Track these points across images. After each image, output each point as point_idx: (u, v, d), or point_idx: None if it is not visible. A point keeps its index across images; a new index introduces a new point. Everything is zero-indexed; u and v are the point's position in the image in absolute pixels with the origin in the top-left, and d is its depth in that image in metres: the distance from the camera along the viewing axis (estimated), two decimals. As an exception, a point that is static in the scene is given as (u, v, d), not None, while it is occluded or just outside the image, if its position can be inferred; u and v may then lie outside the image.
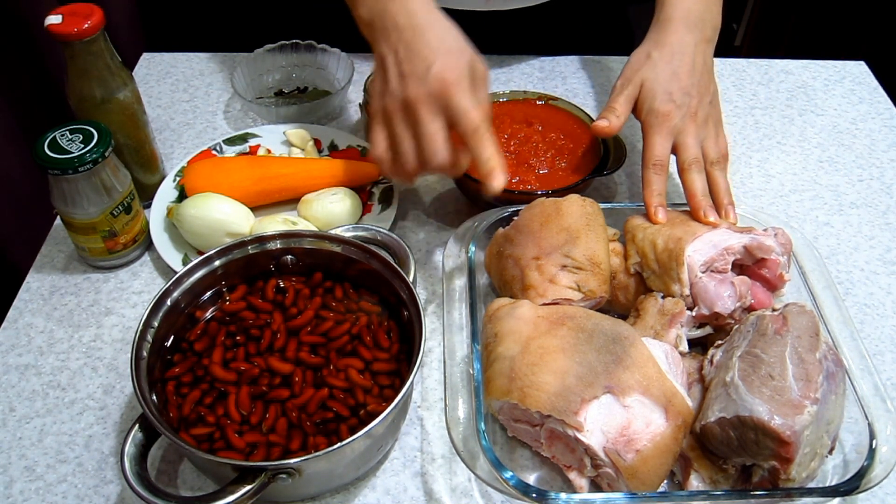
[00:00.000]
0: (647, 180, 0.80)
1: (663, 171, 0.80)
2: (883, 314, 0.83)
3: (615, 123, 0.82)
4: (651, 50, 0.85)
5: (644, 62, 0.84)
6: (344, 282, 0.76)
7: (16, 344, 0.78)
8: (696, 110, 0.82)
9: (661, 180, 0.80)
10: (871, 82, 1.15)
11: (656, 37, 0.86)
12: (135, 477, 0.58)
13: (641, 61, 0.85)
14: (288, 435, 0.65)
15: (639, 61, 0.85)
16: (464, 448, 0.63)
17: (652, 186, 0.79)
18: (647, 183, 0.79)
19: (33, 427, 0.72)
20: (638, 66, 0.84)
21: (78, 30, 0.76)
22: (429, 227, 0.91)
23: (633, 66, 0.85)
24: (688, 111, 0.82)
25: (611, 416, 0.62)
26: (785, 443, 0.58)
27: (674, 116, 0.81)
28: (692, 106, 0.82)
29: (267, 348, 0.70)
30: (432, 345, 0.78)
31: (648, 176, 0.80)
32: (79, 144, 0.76)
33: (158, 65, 1.14)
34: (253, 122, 1.05)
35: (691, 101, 0.82)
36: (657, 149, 0.80)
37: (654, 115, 0.81)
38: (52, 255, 0.87)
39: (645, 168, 0.80)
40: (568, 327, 0.67)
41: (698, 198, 0.78)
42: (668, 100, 0.81)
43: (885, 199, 0.96)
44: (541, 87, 1.11)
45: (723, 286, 0.71)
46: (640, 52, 0.86)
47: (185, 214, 0.82)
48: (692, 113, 0.82)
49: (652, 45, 0.85)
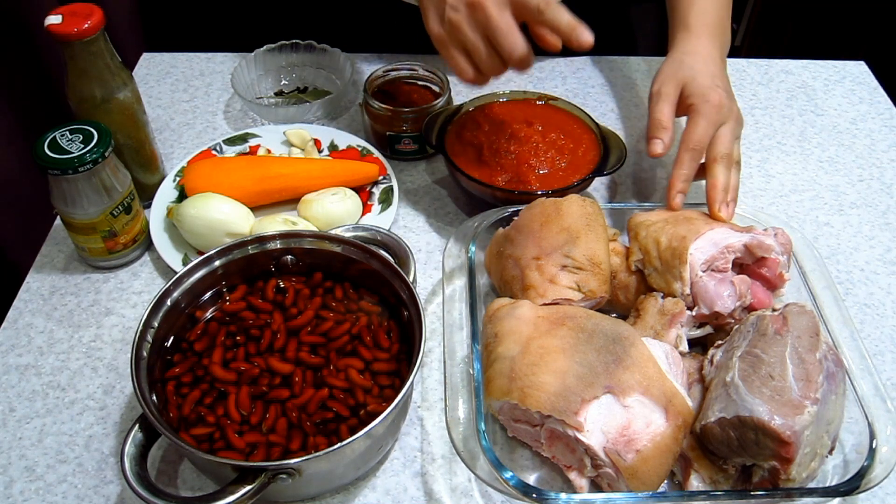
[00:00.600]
0: (682, 160, 0.79)
1: (699, 158, 0.80)
2: (883, 314, 0.83)
3: (668, 142, 0.82)
4: (683, 57, 0.86)
5: (680, 66, 0.85)
6: (344, 282, 0.76)
7: (16, 344, 0.78)
8: (734, 110, 0.83)
9: (694, 166, 0.80)
10: (871, 82, 1.15)
11: (685, 46, 0.88)
12: (135, 477, 0.58)
13: (677, 65, 0.86)
14: (288, 435, 0.65)
15: (674, 66, 0.86)
16: (464, 448, 0.63)
17: (684, 168, 0.79)
18: (681, 163, 0.79)
19: (33, 427, 0.72)
20: (674, 71, 0.85)
21: (78, 30, 0.76)
22: (429, 228, 0.91)
23: (668, 72, 0.86)
24: (730, 109, 0.83)
25: (611, 416, 0.62)
26: (785, 443, 0.58)
27: (723, 107, 0.81)
28: (733, 106, 0.83)
29: (267, 348, 0.70)
30: (432, 345, 0.78)
31: (684, 157, 0.79)
32: (79, 144, 0.76)
33: (158, 65, 1.14)
34: (253, 122, 1.05)
35: (732, 102, 0.84)
36: (700, 133, 0.80)
37: (704, 101, 0.81)
38: (52, 255, 0.87)
39: (683, 149, 0.80)
40: (568, 327, 0.67)
41: (718, 190, 0.78)
42: (718, 90, 0.82)
43: (885, 199, 0.96)
44: (541, 87, 1.11)
45: (723, 285, 0.71)
46: (673, 59, 0.87)
47: (185, 214, 0.82)
48: (734, 111, 0.83)
49: (683, 53, 0.87)
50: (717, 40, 0.88)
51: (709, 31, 0.88)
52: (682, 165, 0.79)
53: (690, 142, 0.80)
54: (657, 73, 0.87)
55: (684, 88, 0.84)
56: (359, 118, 1.05)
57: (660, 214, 0.78)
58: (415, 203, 0.94)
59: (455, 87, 0.98)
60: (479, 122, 0.93)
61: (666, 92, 0.84)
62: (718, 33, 0.89)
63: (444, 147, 0.89)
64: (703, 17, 0.89)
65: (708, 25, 0.89)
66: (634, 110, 1.08)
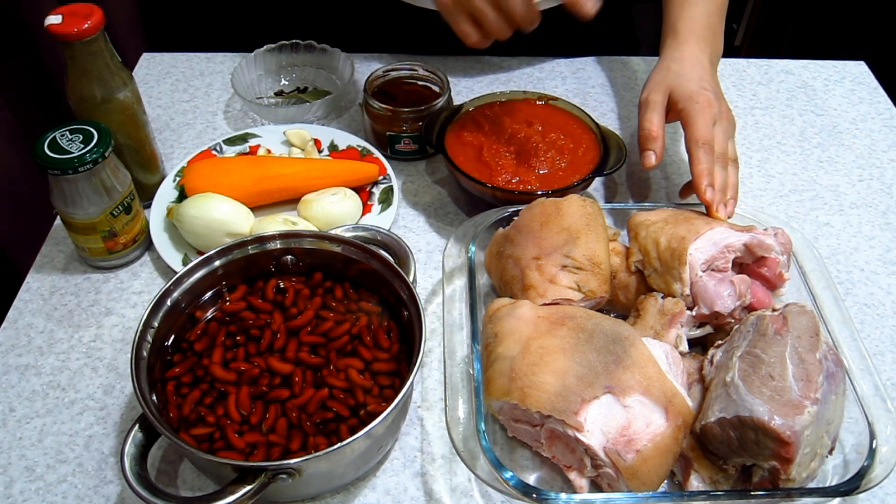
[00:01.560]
0: (698, 157, 0.79)
1: (711, 151, 0.80)
2: (883, 314, 0.83)
3: (660, 152, 0.83)
4: (671, 64, 0.87)
5: (667, 73, 0.86)
6: (344, 282, 0.76)
7: (16, 344, 0.78)
8: (724, 110, 0.84)
9: (711, 158, 0.79)
10: (871, 82, 1.15)
11: (672, 54, 0.89)
12: (135, 477, 0.58)
13: (664, 73, 0.87)
14: (288, 435, 0.65)
15: (661, 74, 0.87)
16: (464, 448, 0.63)
17: (702, 163, 0.79)
18: (697, 160, 0.79)
19: (33, 427, 0.72)
20: (661, 78, 0.86)
21: (78, 30, 0.76)
22: (429, 228, 0.91)
23: (656, 80, 0.87)
24: (720, 108, 0.83)
25: (611, 416, 0.62)
26: (785, 443, 0.58)
27: (714, 106, 0.82)
28: (722, 106, 0.84)
29: (267, 348, 0.70)
30: (432, 345, 0.78)
31: (698, 152, 0.79)
32: (79, 144, 0.76)
33: (158, 65, 1.14)
34: (253, 122, 1.05)
35: (721, 103, 0.84)
36: (704, 130, 0.80)
37: (695, 103, 0.82)
38: (52, 255, 0.87)
39: (694, 146, 0.80)
40: (568, 327, 0.67)
41: (716, 190, 0.78)
42: (705, 92, 0.83)
43: (885, 199, 0.96)
44: (541, 87, 1.11)
45: (722, 285, 0.71)
46: (661, 67, 0.88)
47: (185, 214, 0.82)
48: (723, 111, 0.84)
49: (670, 60, 0.88)
50: (705, 46, 0.89)
51: (697, 36, 0.89)
52: (699, 161, 0.79)
53: (699, 140, 0.80)
54: (646, 82, 0.88)
55: (672, 94, 0.84)
56: (359, 118, 1.05)
57: (659, 214, 0.78)
58: (415, 203, 0.94)
59: (455, 87, 0.98)
60: (479, 122, 0.93)
61: (654, 100, 0.85)
62: (707, 38, 0.90)
63: (444, 147, 0.89)
64: (691, 23, 0.90)
65: (696, 32, 0.89)
66: (634, 110, 1.08)
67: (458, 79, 1.10)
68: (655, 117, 0.84)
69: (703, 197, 0.78)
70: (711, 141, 0.80)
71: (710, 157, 0.79)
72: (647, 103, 0.85)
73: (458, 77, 1.11)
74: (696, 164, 0.79)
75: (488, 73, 1.13)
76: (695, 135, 0.80)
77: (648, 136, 0.83)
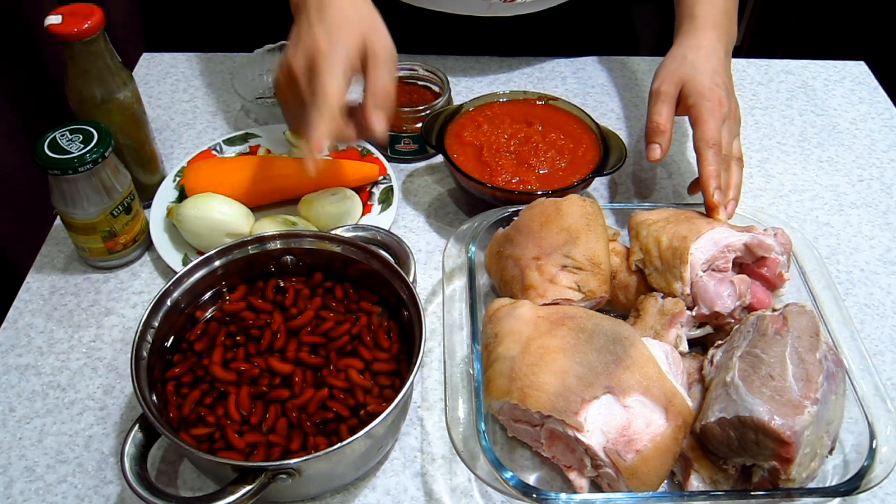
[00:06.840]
0: (707, 158, 0.78)
1: (720, 152, 0.79)
2: (883, 314, 0.83)
3: (665, 146, 0.82)
4: (686, 52, 0.85)
5: (681, 63, 0.84)
6: (344, 282, 0.76)
7: (16, 344, 0.78)
8: (733, 108, 0.83)
9: (719, 159, 0.79)
10: (871, 82, 1.15)
11: (689, 41, 0.86)
12: (135, 477, 0.58)
13: (678, 62, 0.85)
14: (288, 435, 0.65)
15: (675, 62, 0.85)
16: (464, 448, 0.63)
17: (712, 166, 0.78)
18: (706, 160, 0.78)
19: (33, 427, 0.72)
20: (675, 67, 0.84)
21: (78, 30, 0.76)
22: (429, 228, 0.91)
23: (670, 68, 0.85)
24: (729, 107, 0.82)
25: (611, 416, 0.62)
26: (785, 443, 0.58)
27: (724, 104, 0.81)
28: (732, 104, 0.83)
29: (267, 348, 0.70)
30: (432, 345, 0.78)
31: (707, 153, 0.78)
32: (79, 144, 0.76)
33: (158, 65, 1.14)
34: (253, 122, 1.05)
35: (731, 100, 0.83)
36: (713, 131, 0.79)
37: (707, 100, 0.81)
38: (52, 255, 0.87)
39: (704, 146, 0.79)
40: (568, 327, 0.67)
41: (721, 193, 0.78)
42: (717, 90, 0.81)
43: (885, 199, 0.96)
44: (541, 87, 1.11)
45: (722, 285, 0.71)
46: (675, 55, 0.86)
47: (185, 214, 0.82)
48: (732, 109, 0.83)
49: (686, 48, 0.86)
50: (722, 33, 0.87)
51: (714, 22, 0.87)
52: (708, 162, 0.78)
53: (708, 140, 0.79)
54: (658, 69, 0.86)
55: (684, 87, 0.83)
56: (359, 118, 1.05)
57: (661, 214, 0.78)
58: (415, 203, 0.94)
59: (455, 87, 0.98)
60: (479, 122, 0.93)
61: (665, 91, 0.83)
62: (724, 25, 0.88)
63: (444, 147, 0.89)
64: (710, 8, 0.87)
65: (714, 17, 0.87)
66: (634, 110, 1.08)
67: (458, 79, 1.10)
68: (665, 110, 0.83)
69: (710, 199, 0.77)
70: (720, 142, 0.79)
71: (719, 158, 0.79)
72: (659, 94, 0.84)
73: (458, 77, 1.11)
74: (705, 164, 0.78)
75: (488, 73, 1.13)
76: (705, 135, 0.79)
77: (656, 129, 0.82)
